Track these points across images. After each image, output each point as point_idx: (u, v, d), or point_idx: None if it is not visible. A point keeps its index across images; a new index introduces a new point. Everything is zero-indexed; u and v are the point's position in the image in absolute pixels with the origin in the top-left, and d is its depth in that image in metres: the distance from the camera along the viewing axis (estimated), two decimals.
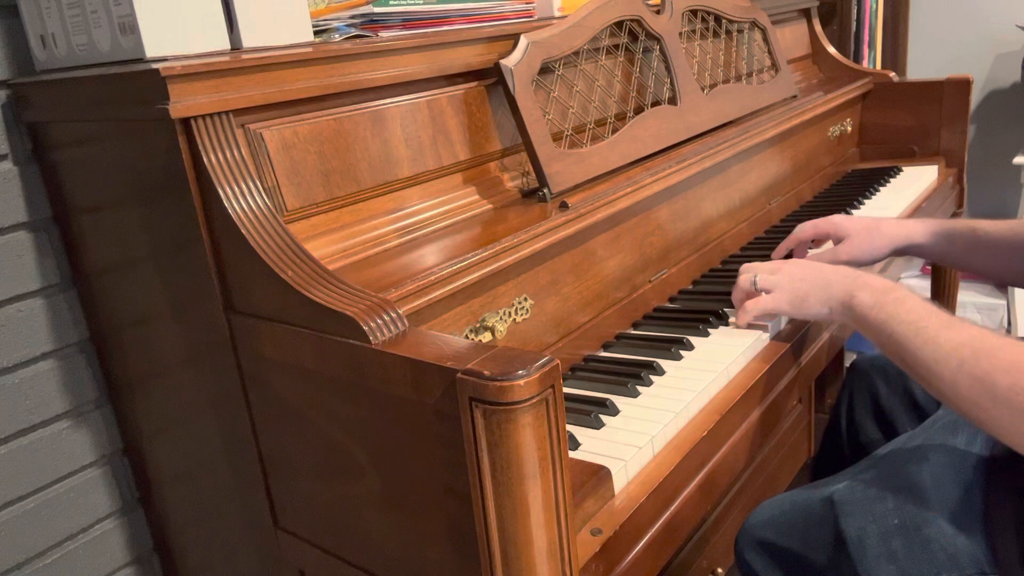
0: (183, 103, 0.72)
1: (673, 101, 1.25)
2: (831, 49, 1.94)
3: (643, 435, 0.81)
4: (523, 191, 1.05)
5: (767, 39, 1.59)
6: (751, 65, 1.54)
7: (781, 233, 1.41)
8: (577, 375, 0.96)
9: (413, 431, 0.65)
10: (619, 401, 0.88)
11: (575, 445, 0.80)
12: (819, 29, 1.94)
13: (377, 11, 0.96)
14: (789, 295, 0.97)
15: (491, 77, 1.02)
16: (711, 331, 1.04)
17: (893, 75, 1.85)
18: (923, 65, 2.71)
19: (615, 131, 1.12)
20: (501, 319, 0.90)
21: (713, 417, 0.87)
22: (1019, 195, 2.50)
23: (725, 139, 1.28)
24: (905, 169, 1.76)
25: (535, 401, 0.57)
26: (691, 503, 0.82)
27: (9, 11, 0.94)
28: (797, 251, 1.23)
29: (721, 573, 1.42)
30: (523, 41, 1.02)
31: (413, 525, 0.70)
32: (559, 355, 0.98)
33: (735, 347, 0.98)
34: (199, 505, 1.00)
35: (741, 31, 1.52)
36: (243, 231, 0.73)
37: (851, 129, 1.85)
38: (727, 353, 0.97)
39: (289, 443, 0.80)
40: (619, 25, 1.18)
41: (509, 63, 0.99)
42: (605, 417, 0.85)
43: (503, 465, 0.58)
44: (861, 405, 1.23)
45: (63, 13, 0.86)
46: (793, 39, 1.87)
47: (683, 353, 0.98)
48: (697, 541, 1.37)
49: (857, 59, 2.32)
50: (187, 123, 0.74)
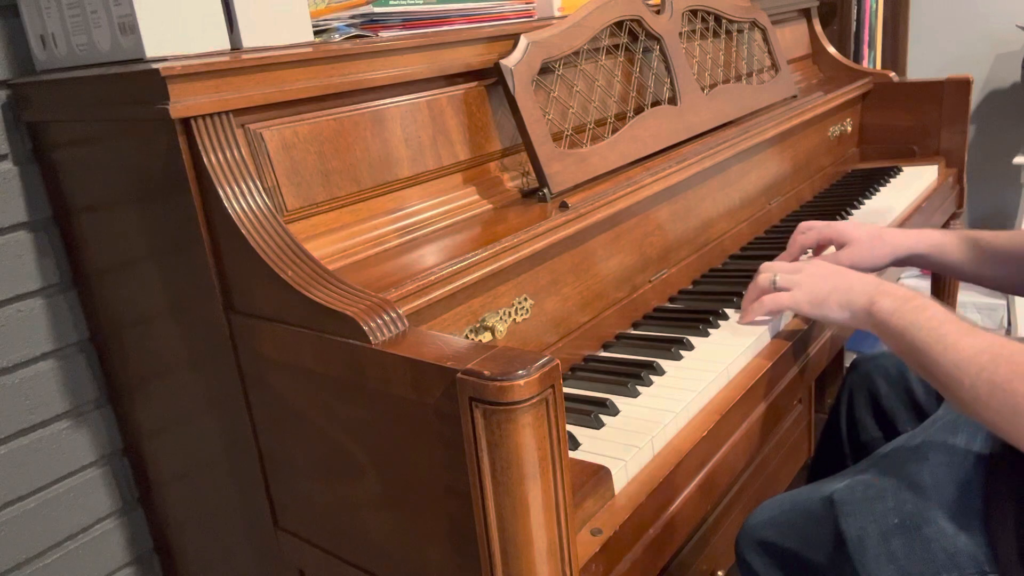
0: (183, 103, 0.72)
1: (673, 101, 1.25)
2: (831, 49, 1.94)
3: (643, 435, 0.81)
4: (523, 191, 1.05)
5: (767, 39, 1.59)
6: (751, 65, 1.54)
7: (781, 233, 1.41)
8: (577, 375, 0.96)
9: (413, 431, 0.65)
10: (619, 401, 0.88)
11: (575, 445, 0.80)
12: (819, 29, 1.94)
13: (377, 11, 0.96)
14: (809, 295, 0.97)
15: (491, 77, 1.02)
16: (711, 331, 1.04)
17: (893, 75, 1.85)
18: (923, 65, 2.71)
19: (615, 131, 1.12)
20: (501, 319, 0.90)
21: (713, 417, 0.87)
22: (1019, 195, 2.50)
23: (725, 139, 1.28)
24: (905, 169, 1.76)
25: (535, 401, 0.57)
26: (691, 503, 0.82)
27: (9, 11, 0.94)
28: (815, 251, 1.22)
29: (721, 575, 1.42)
30: (523, 41, 1.02)
31: (413, 525, 0.70)
32: (559, 355, 0.98)
33: (735, 347, 0.98)
34: (199, 505, 1.00)
35: (741, 31, 1.52)
36: (243, 231, 0.73)
37: (851, 129, 1.85)
38: (727, 353, 0.97)
39: (289, 443, 0.80)
40: (619, 25, 1.18)
41: (509, 63, 0.99)
42: (605, 417, 0.85)
43: (503, 465, 0.58)
44: (861, 405, 1.23)
45: (63, 13, 0.86)
46: (793, 39, 1.87)
47: (683, 353, 0.98)
48: (697, 541, 1.37)
49: (857, 59, 2.32)
50: (187, 123, 0.74)
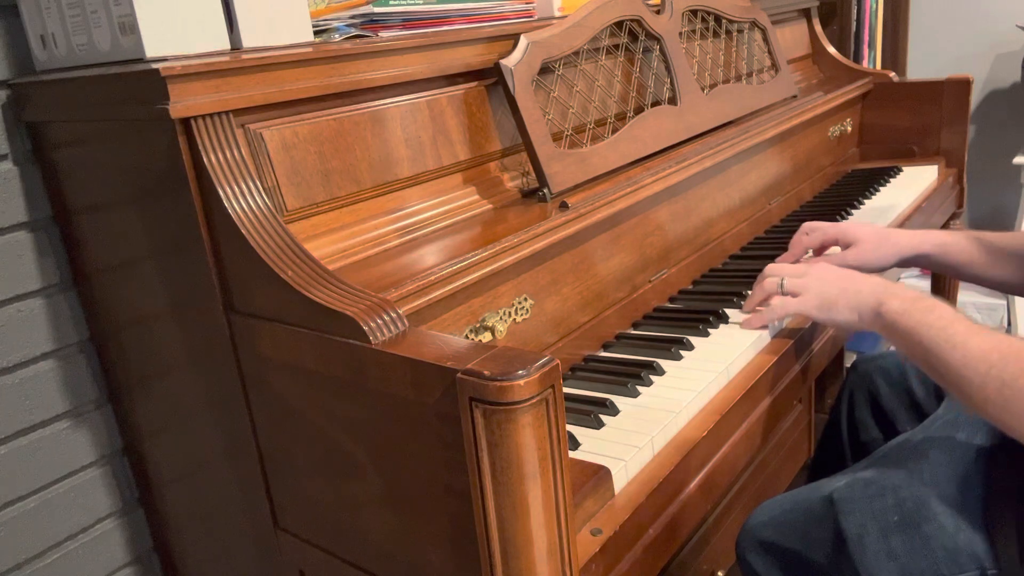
0: (183, 103, 0.72)
1: (673, 101, 1.25)
2: (831, 49, 1.93)
3: (643, 435, 0.81)
4: (523, 191, 1.05)
5: (767, 39, 1.59)
6: (751, 65, 1.54)
7: (781, 233, 1.41)
8: (577, 375, 0.96)
9: (413, 431, 0.65)
10: (619, 401, 0.88)
11: (575, 445, 0.80)
12: (819, 29, 1.94)
13: (377, 11, 0.96)
14: (818, 299, 0.97)
15: (491, 77, 1.02)
16: (711, 331, 1.04)
17: (893, 75, 1.85)
18: (923, 65, 2.71)
19: (615, 131, 1.12)
20: (501, 319, 0.90)
21: (713, 417, 0.86)
22: (1019, 195, 2.50)
23: (725, 139, 1.28)
24: (905, 169, 1.76)
25: (535, 401, 0.57)
26: (691, 503, 0.82)
27: (9, 11, 0.94)
28: (816, 252, 1.22)
29: (721, 575, 1.42)
30: (523, 41, 1.02)
31: (413, 525, 0.70)
32: (559, 355, 0.98)
33: (735, 347, 0.98)
34: (199, 505, 1.00)
35: (741, 31, 1.52)
36: (243, 231, 0.73)
37: (851, 129, 1.85)
38: (727, 353, 0.97)
39: (289, 443, 0.80)
40: (619, 25, 1.18)
41: (509, 63, 0.99)
42: (605, 417, 0.85)
43: (503, 465, 0.58)
44: (861, 405, 1.23)
45: (63, 13, 0.86)
46: (793, 39, 1.87)
47: (683, 353, 0.98)
48: (697, 541, 1.37)
49: (857, 59, 2.32)
50: (187, 123, 0.74)
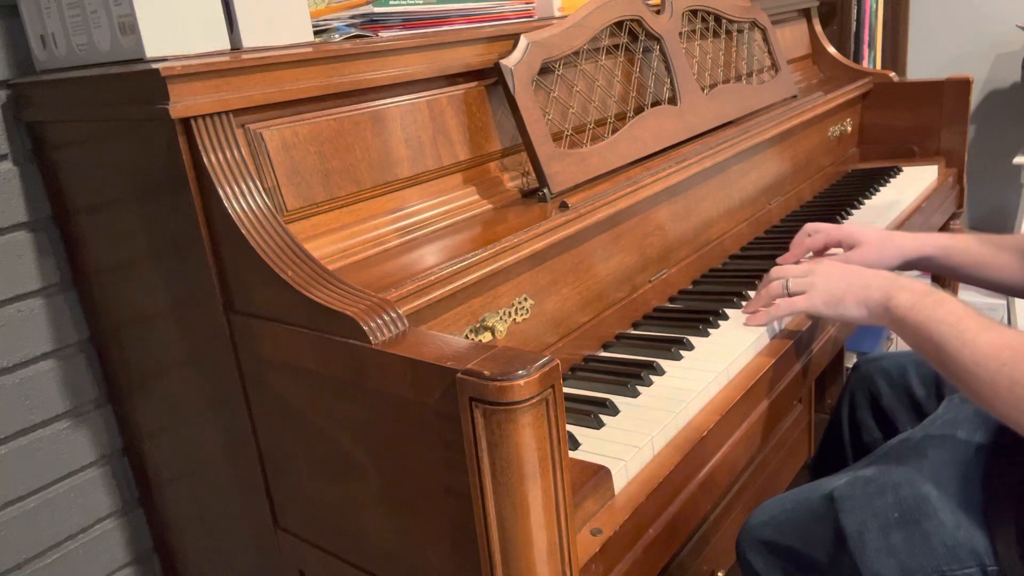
0: (183, 103, 0.72)
1: (673, 101, 1.25)
2: (831, 49, 1.93)
3: (643, 435, 0.81)
4: (523, 191, 1.05)
5: (767, 39, 1.59)
6: (751, 65, 1.54)
7: (781, 233, 1.41)
8: (577, 375, 0.96)
9: (413, 431, 0.65)
10: (619, 401, 0.88)
11: (575, 445, 0.80)
12: (819, 29, 1.94)
13: (377, 11, 0.96)
14: (824, 295, 0.96)
15: (491, 77, 1.02)
16: (711, 331, 1.04)
17: (893, 75, 1.85)
18: (923, 65, 2.71)
19: (615, 131, 1.12)
20: (501, 319, 0.90)
21: (713, 417, 0.86)
22: (1019, 195, 2.50)
23: (725, 139, 1.28)
24: (905, 169, 1.76)
25: (535, 401, 0.57)
26: (691, 503, 0.82)
27: (9, 11, 0.94)
28: (817, 253, 1.22)
29: (721, 575, 1.42)
30: (523, 41, 1.02)
31: (413, 525, 0.70)
32: (559, 355, 0.98)
33: (735, 347, 0.98)
34: (199, 505, 1.00)
35: (741, 31, 1.52)
36: (243, 231, 0.73)
37: (851, 129, 1.85)
38: (727, 353, 0.97)
39: (289, 443, 0.80)
40: (619, 25, 1.18)
41: (509, 63, 0.99)
42: (605, 417, 0.85)
43: (503, 465, 0.58)
44: (862, 405, 1.23)
45: (63, 13, 0.86)
46: (793, 39, 1.87)
47: (683, 353, 0.98)
48: (697, 541, 1.37)
49: (857, 59, 2.32)
50: (187, 123, 0.74)
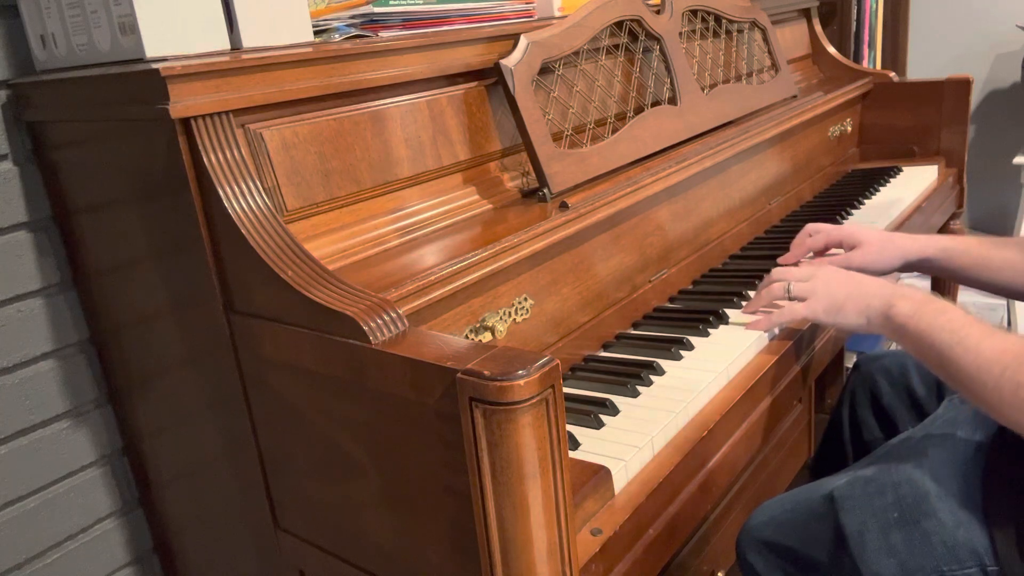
0: (183, 103, 0.72)
1: (673, 101, 1.25)
2: (831, 49, 1.93)
3: (643, 435, 0.81)
4: (523, 191, 1.05)
5: (767, 39, 1.59)
6: (751, 65, 1.54)
7: (781, 233, 1.41)
8: (577, 375, 0.96)
9: (413, 431, 0.65)
10: (619, 401, 0.88)
11: (575, 445, 0.80)
12: (819, 29, 1.94)
13: (377, 11, 0.96)
14: (825, 303, 0.96)
15: (491, 77, 1.02)
16: (711, 331, 1.04)
17: (893, 75, 1.85)
18: (923, 65, 2.71)
19: (615, 131, 1.12)
20: (501, 319, 0.90)
21: (713, 417, 0.87)
22: (1019, 195, 2.50)
23: (725, 139, 1.28)
24: (905, 169, 1.76)
25: (535, 401, 0.57)
26: (691, 503, 0.82)
27: (9, 11, 0.94)
28: (818, 253, 1.22)
29: (721, 575, 1.42)
30: (523, 41, 1.02)
31: (413, 525, 0.70)
32: (559, 355, 0.97)
33: (735, 347, 0.98)
34: (199, 505, 1.00)
35: (741, 31, 1.52)
36: (243, 231, 0.73)
37: (851, 129, 1.85)
38: (727, 353, 0.97)
39: (289, 443, 0.80)
40: (619, 25, 1.18)
41: (509, 63, 0.99)
42: (605, 417, 0.85)
43: (503, 465, 0.58)
44: (863, 404, 1.23)
45: (63, 13, 0.86)
46: (793, 39, 1.87)
47: (683, 353, 0.98)
48: (697, 541, 1.37)
49: (857, 59, 2.32)
50: (187, 123, 0.74)
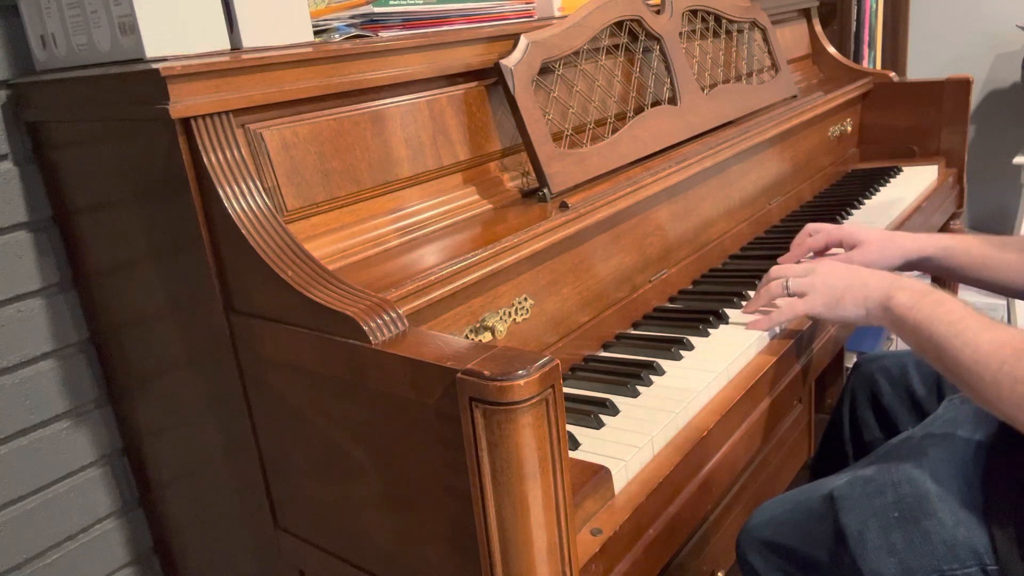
0: (183, 103, 0.72)
1: (673, 101, 1.25)
2: (831, 49, 1.93)
3: (643, 435, 0.81)
4: (523, 191, 1.05)
5: (767, 39, 1.59)
6: (751, 65, 1.54)
7: (781, 233, 1.41)
8: (577, 375, 0.96)
9: (413, 431, 0.65)
10: (619, 401, 0.88)
11: (575, 445, 0.80)
12: (819, 29, 1.94)
13: (377, 11, 0.96)
14: (824, 297, 0.96)
15: (491, 77, 1.02)
16: (711, 331, 1.04)
17: (893, 75, 1.85)
18: (923, 65, 2.71)
19: (615, 131, 1.12)
20: (501, 319, 0.90)
21: (713, 417, 0.87)
22: (1019, 195, 2.50)
23: (725, 139, 1.28)
24: (905, 169, 1.76)
25: (535, 401, 0.57)
26: (691, 503, 0.82)
27: (9, 11, 0.94)
28: (818, 253, 1.22)
29: (721, 575, 1.42)
30: (523, 41, 1.02)
31: (413, 525, 0.70)
32: (559, 355, 0.98)
33: (735, 347, 0.98)
34: (199, 505, 1.00)
35: (741, 31, 1.52)
36: (243, 231, 0.73)
37: (851, 129, 1.85)
38: (727, 353, 0.97)
39: (289, 443, 0.80)
40: (619, 25, 1.18)
41: (509, 63, 0.99)
42: (605, 417, 0.85)
43: (503, 465, 0.58)
44: (863, 404, 1.23)
45: (63, 13, 0.86)
46: (793, 39, 1.87)
47: (683, 353, 0.98)
48: (697, 541, 1.37)
49: (857, 59, 2.32)
50: (187, 123, 0.74)
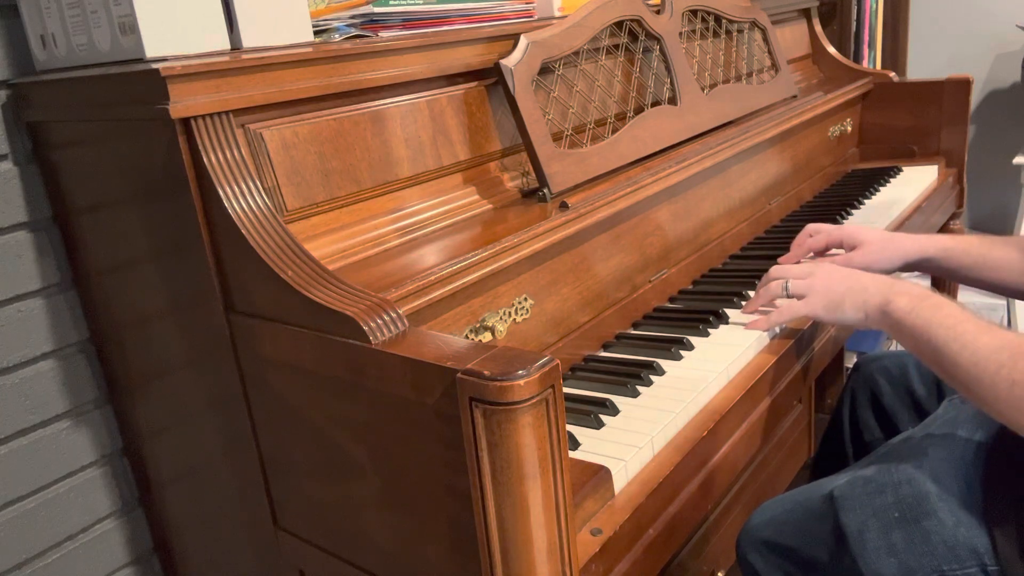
0: (183, 103, 0.72)
1: (673, 101, 1.25)
2: (831, 49, 1.93)
3: (643, 435, 0.81)
4: (523, 191, 1.05)
5: (767, 39, 1.59)
6: (751, 65, 1.54)
7: (781, 233, 1.41)
8: (577, 375, 0.96)
9: (413, 431, 0.65)
10: (619, 401, 0.88)
11: (575, 445, 0.80)
12: (819, 29, 1.94)
13: (377, 11, 0.96)
14: (824, 300, 0.96)
15: (491, 77, 1.02)
16: (711, 331, 1.04)
17: (893, 75, 1.85)
18: (923, 65, 2.71)
19: (615, 131, 1.12)
20: (501, 319, 0.90)
21: (713, 417, 0.86)
22: (1019, 195, 2.50)
23: (725, 139, 1.28)
24: (905, 169, 1.76)
25: (535, 401, 0.57)
26: (691, 503, 0.82)
27: (9, 11, 0.94)
28: (818, 253, 1.22)
29: (721, 575, 1.42)
30: (523, 41, 1.02)
31: (413, 525, 0.70)
32: (559, 355, 0.97)
33: (735, 347, 0.98)
34: (199, 505, 1.00)
35: (741, 31, 1.52)
36: (243, 231, 0.73)
37: (851, 129, 1.85)
38: (727, 353, 0.97)
39: (289, 443, 0.80)
40: (619, 25, 1.18)
41: (509, 63, 0.99)
42: (605, 417, 0.85)
43: (503, 465, 0.58)
44: (863, 405, 1.23)
45: (63, 13, 0.86)
46: (793, 39, 1.87)
47: (683, 353, 0.98)
48: (697, 541, 1.37)
49: (857, 59, 2.32)
50: (187, 123, 0.74)
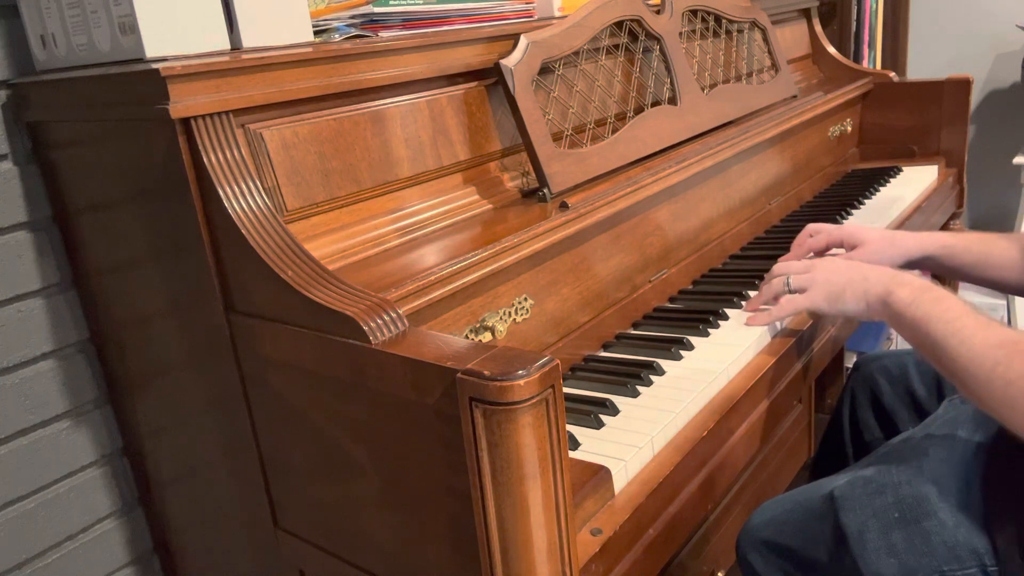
0: (183, 103, 0.72)
1: (673, 101, 1.25)
2: (831, 49, 1.93)
3: (643, 435, 0.81)
4: (523, 191, 1.05)
5: (767, 39, 1.59)
6: (751, 65, 1.54)
7: (782, 233, 1.41)
8: (577, 375, 0.96)
9: (413, 431, 0.65)
10: (619, 401, 0.88)
11: (575, 445, 0.80)
12: (819, 29, 1.94)
13: (377, 11, 0.96)
14: (825, 291, 0.96)
15: (491, 77, 1.02)
16: (711, 331, 1.04)
17: (893, 75, 1.85)
18: (923, 65, 2.71)
19: (615, 131, 1.12)
20: (501, 319, 0.90)
21: (713, 417, 0.86)
22: (1019, 195, 2.50)
23: (725, 139, 1.28)
24: (905, 169, 1.76)
25: (535, 401, 0.57)
26: (691, 503, 0.82)
27: (9, 11, 0.94)
28: (819, 253, 1.22)
29: (721, 575, 1.42)
30: (523, 41, 1.02)
31: (413, 525, 0.70)
32: (559, 355, 0.97)
33: (735, 347, 0.98)
34: (199, 505, 1.00)
35: (741, 31, 1.52)
36: (243, 231, 0.73)
37: (851, 129, 1.85)
38: (727, 353, 0.97)
39: (289, 443, 0.80)
40: (619, 25, 1.18)
41: (509, 63, 0.99)
42: (605, 417, 0.85)
43: (503, 465, 0.58)
44: (863, 405, 1.23)
45: (63, 13, 0.86)
46: (793, 39, 1.87)
47: (683, 353, 0.98)
48: (697, 541, 1.37)
49: (857, 59, 2.32)
50: (187, 123, 0.74)
